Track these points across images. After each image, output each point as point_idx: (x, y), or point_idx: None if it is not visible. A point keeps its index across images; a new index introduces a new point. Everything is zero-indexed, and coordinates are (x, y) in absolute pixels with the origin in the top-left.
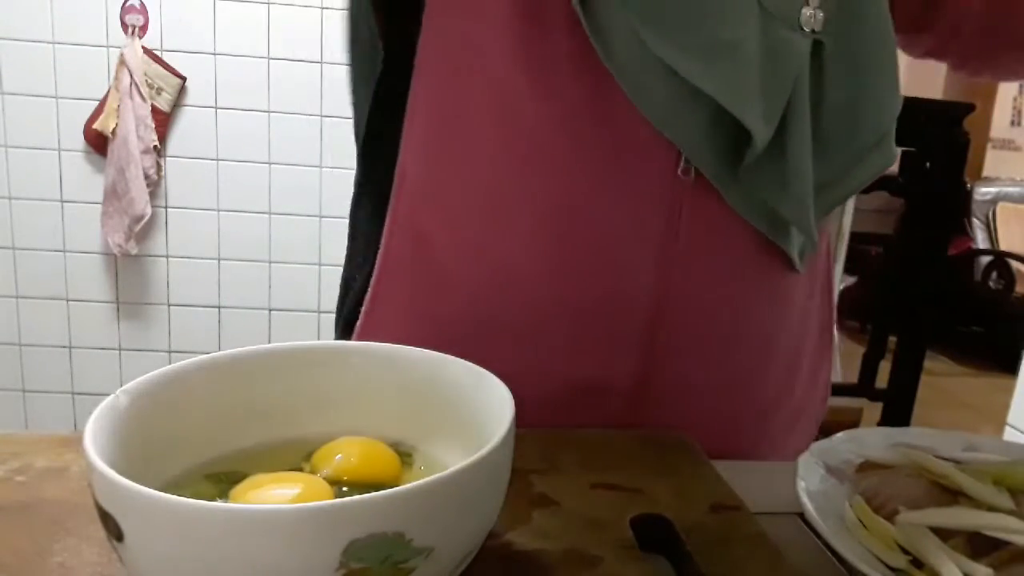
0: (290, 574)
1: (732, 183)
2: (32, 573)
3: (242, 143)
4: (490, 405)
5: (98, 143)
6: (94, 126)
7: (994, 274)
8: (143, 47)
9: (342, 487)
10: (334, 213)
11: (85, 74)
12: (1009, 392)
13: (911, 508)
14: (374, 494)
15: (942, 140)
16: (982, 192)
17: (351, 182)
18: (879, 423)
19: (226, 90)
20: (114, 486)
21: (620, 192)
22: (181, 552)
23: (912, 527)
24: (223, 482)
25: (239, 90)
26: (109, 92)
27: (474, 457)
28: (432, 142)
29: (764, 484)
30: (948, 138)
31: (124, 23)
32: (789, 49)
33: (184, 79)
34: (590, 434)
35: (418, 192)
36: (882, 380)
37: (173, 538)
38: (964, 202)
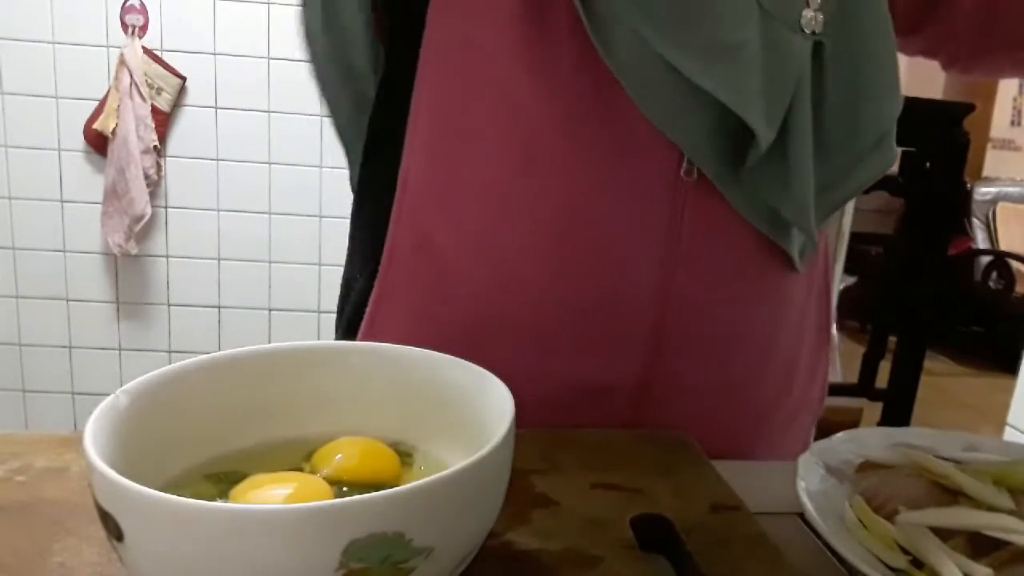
0: (290, 574)
1: (734, 184)
2: (32, 573)
3: (242, 143)
4: (490, 405)
5: (98, 143)
6: (94, 126)
7: (994, 274)
8: (143, 47)
9: (342, 487)
10: (334, 213)
11: (85, 74)
12: (1009, 392)
13: (911, 508)
14: (374, 494)
15: (942, 140)
16: (982, 192)
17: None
18: (879, 423)
19: (226, 90)
20: (114, 486)
21: (623, 193)
22: (181, 552)
23: (912, 527)
24: (223, 482)
25: (239, 90)
26: (109, 92)
27: (474, 457)
28: (435, 143)
29: (764, 484)
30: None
31: (124, 23)
32: (790, 50)
33: (184, 79)
34: (590, 434)
35: (422, 194)
36: (882, 380)
37: (173, 538)
38: (964, 202)
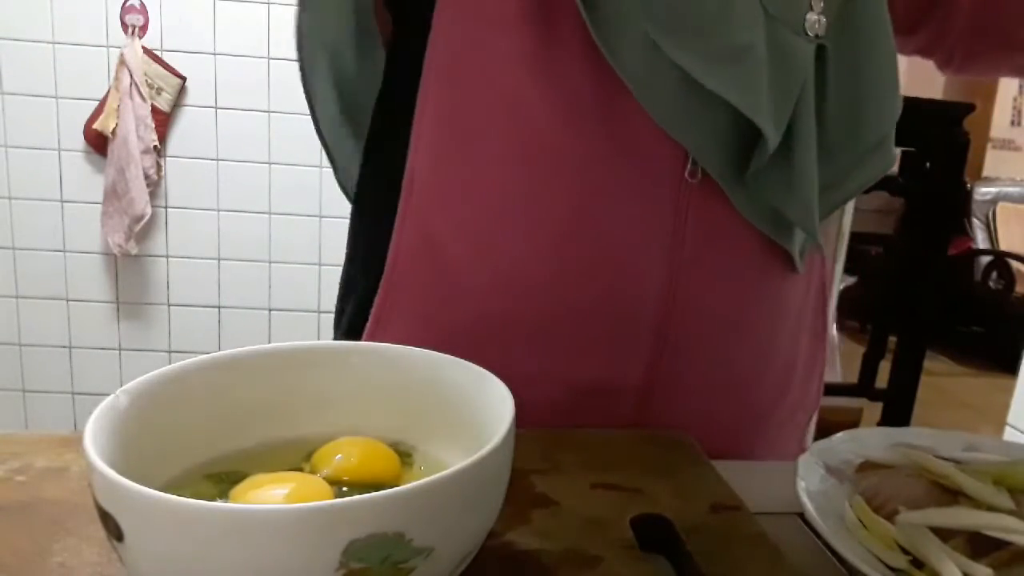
0: (290, 574)
1: (738, 186)
2: (32, 573)
3: (242, 143)
4: (490, 405)
5: (98, 143)
6: (94, 126)
7: (994, 274)
8: (143, 47)
9: (342, 487)
10: (334, 213)
11: (85, 74)
12: (1009, 392)
13: (911, 508)
14: (374, 494)
15: (942, 140)
16: (982, 192)
17: None
18: (879, 423)
19: (226, 90)
20: (114, 486)
21: (627, 194)
22: (181, 552)
23: (912, 527)
24: (223, 482)
25: (239, 90)
26: (109, 92)
27: (474, 457)
28: (441, 145)
29: (764, 484)
30: (948, 138)
31: (124, 23)
32: (795, 54)
33: (184, 79)
34: (590, 434)
35: (427, 195)
36: (882, 380)
37: (173, 538)
38: (964, 202)
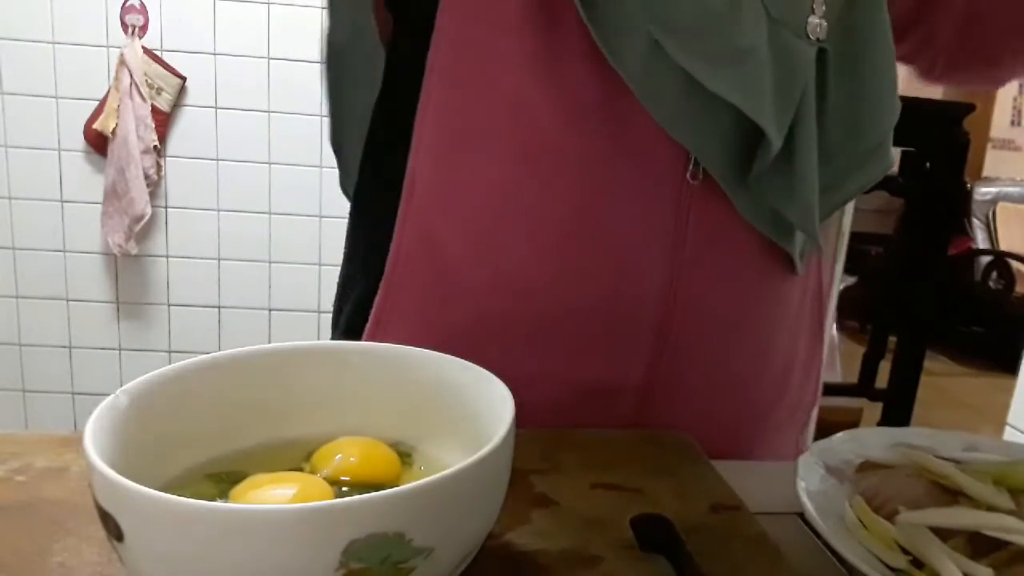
0: (290, 574)
1: (740, 188)
2: (32, 573)
3: (242, 143)
4: (490, 405)
5: (98, 143)
6: (94, 126)
7: (994, 274)
8: (143, 47)
9: (342, 487)
10: (334, 213)
11: (85, 74)
12: (1009, 392)
13: (911, 508)
14: (374, 494)
15: (942, 140)
16: (982, 192)
17: None
18: (879, 423)
19: (226, 90)
20: (114, 486)
21: (629, 194)
22: (181, 552)
23: (912, 527)
24: (223, 482)
25: (239, 90)
26: (109, 92)
27: (474, 457)
28: (443, 146)
29: (764, 484)
30: (948, 138)
31: (124, 23)
32: (797, 57)
33: (184, 79)
34: (590, 434)
35: (429, 197)
36: (882, 380)
37: (173, 538)
38: (964, 202)
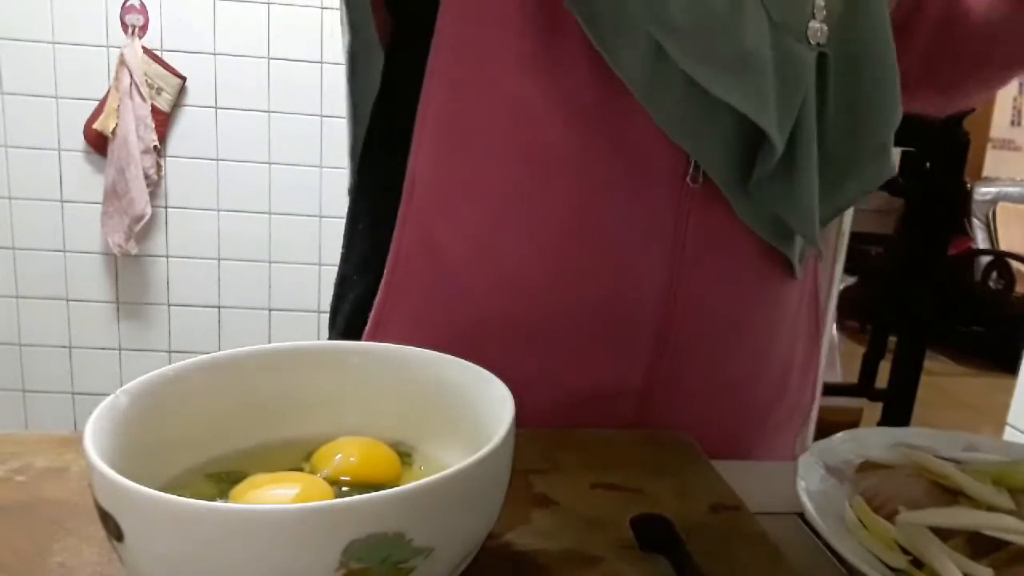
0: (290, 574)
1: (740, 193)
2: (32, 573)
3: (242, 143)
4: (490, 405)
5: (98, 143)
6: (94, 126)
7: (994, 274)
8: (143, 47)
9: (342, 487)
10: (334, 213)
11: (85, 74)
12: (1009, 392)
13: (911, 508)
14: (374, 494)
15: (942, 140)
16: (982, 192)
17: None
18: (879, 423)
19: (226, 90)
20: (114, 486)
21: (629, 197)
22: (181, 552)
23: (912, 527)
24: (223, 482)
25: (239, 90)
26: (109, 92)
27: (474, 457)
28: (443, 148)
29: (764, 484)
30: (948, 138)
31: (124, 23)
32: (798, 61)
33: (184, 79)
34: (590, 434)
35: (429, 199)
36: (882, 380)
37: (173, 538)
38: (964, 202)
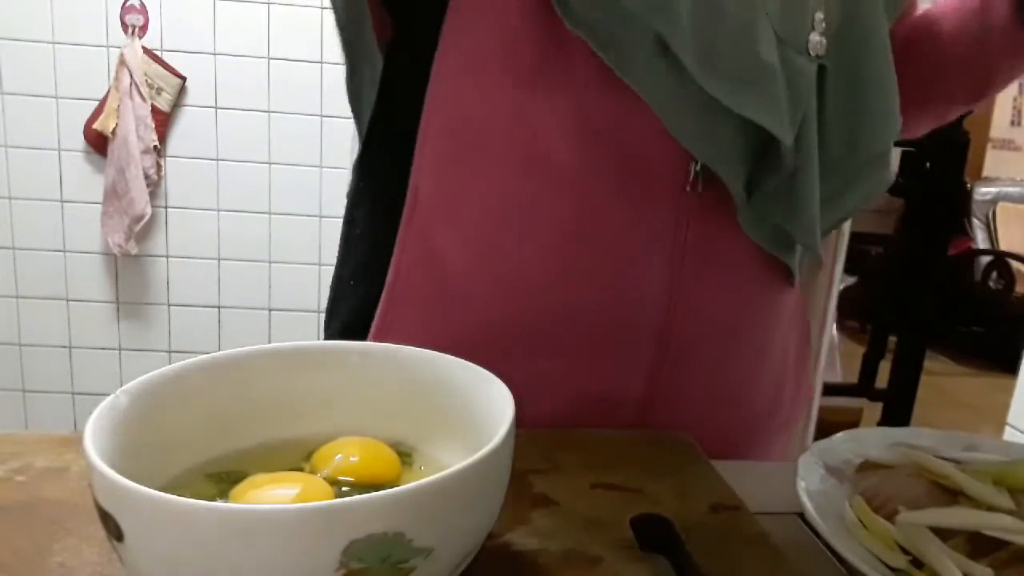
0: (290, 574)
1: (744, 203)
2: (32, 573)
3: (242, 143)
4: (490, 405)
5: (98, 143)
6: (94, 126)
7: (994, 274)
8: (143, 47)
9: (342, 487)
10: (334, 213)
11: (85, 74)
12: (1009, 392)
13: (911, 508)
14: (374, 494)
15: (942, 140)
16: (982, 192)
17: None
18: (879, 423)
19: (226, 90)
20: (114, 486)
21: (630, 206)
22: (181, 552)
23: (912, 527)
24: (223, 482)
25: (239, 90)
26: (109, 92)
27: (474, 457)
28: (445, 158)
29: (764, 484)
30: (948, 138)
31: (124, 23)
32: (801, 74)
33: (184, 79)
34: (590, 434)
35: (432, 208)
36: (882, 380)
37: (173, 538)
38: (964, 202)
